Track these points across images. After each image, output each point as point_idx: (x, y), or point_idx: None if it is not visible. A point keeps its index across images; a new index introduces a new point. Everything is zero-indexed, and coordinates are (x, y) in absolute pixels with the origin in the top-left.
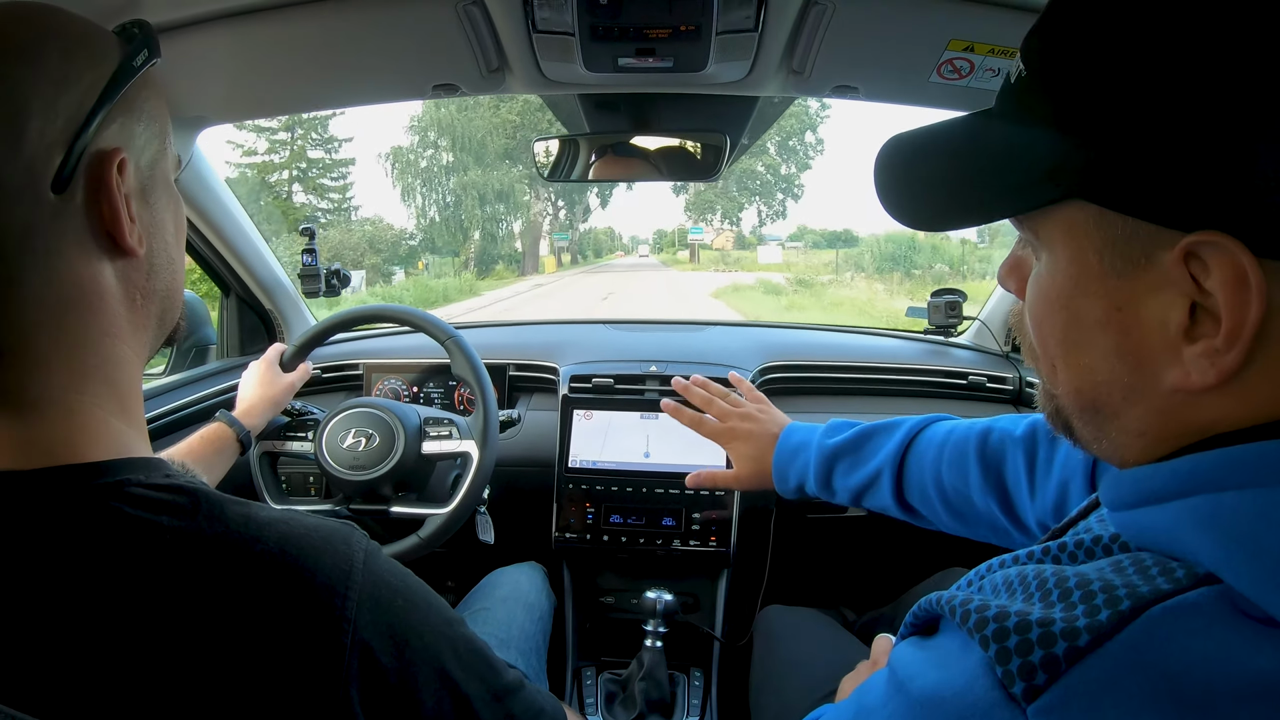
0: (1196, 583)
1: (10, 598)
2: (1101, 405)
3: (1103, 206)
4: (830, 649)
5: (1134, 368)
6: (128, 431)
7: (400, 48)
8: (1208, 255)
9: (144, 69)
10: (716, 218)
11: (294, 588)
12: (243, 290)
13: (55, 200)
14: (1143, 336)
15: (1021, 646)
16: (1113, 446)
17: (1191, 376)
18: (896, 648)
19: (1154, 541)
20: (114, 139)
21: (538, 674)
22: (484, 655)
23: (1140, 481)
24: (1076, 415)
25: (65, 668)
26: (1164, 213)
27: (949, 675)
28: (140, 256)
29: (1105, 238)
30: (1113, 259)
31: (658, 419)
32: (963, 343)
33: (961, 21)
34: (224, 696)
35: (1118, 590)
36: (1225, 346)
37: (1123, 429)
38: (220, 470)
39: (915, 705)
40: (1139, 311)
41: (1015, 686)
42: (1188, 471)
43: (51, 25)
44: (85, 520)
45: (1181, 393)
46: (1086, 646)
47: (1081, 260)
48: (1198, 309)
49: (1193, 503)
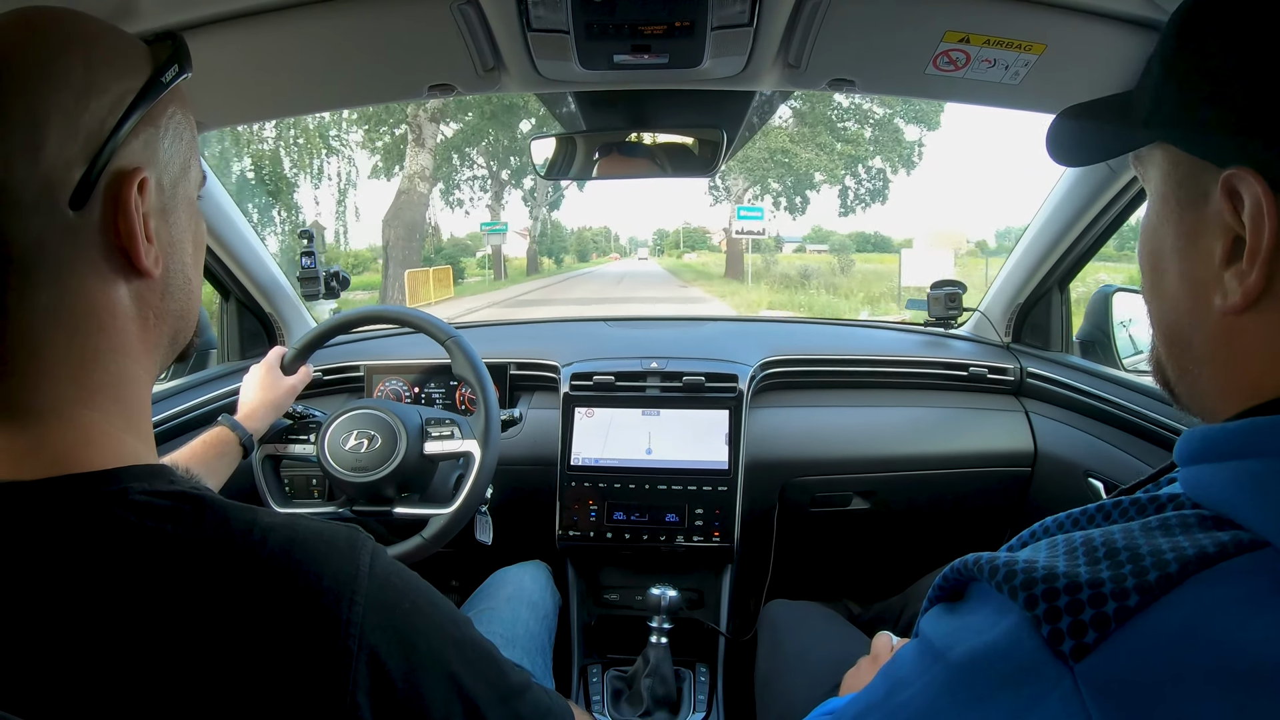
0: (1241, 548)
1: (15, 606)
2: (1177, 334)
3: (1176, 146)
4: (835, 643)
5: (1192, 293)
6: (134, 443)
7: (395, 48)
8: (1242, 188)
9: (173, 84)
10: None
11: (300, 593)
12: (242, 294)
13: (72, 216)
14: (1199, 264)
15: (1071, 606)
16: (1195, 386)
17: (1228, 298)
18: (925, 616)
19: (1208, 498)
20: (137, 156)
21: (544, 673)
22: (491, 657)
23: (1206, 437)
24: (1165, 353)
25: (70, 676)
26: (1211, 151)
27: (989, 638)
28: (155, 277)
29: (1179, 175)
30: (1182, 193)
31: (659, 415)
32: (963, 334)
33: (957, 13)
34: (231, 703)
35: (1165, 554)
36: (1248, 266)
37: (1196, 360)
38: (223, 474)
39: (956, 670)
40: (1198, 241)
41: (1064, 644)
42: (1247, 432)
43: (77, 33)
44: (90, 529)
45: (1228, 318)
46: (1136, 607)
47: (1164, 195)
48: (1237, 242)
49: (1248, 464)
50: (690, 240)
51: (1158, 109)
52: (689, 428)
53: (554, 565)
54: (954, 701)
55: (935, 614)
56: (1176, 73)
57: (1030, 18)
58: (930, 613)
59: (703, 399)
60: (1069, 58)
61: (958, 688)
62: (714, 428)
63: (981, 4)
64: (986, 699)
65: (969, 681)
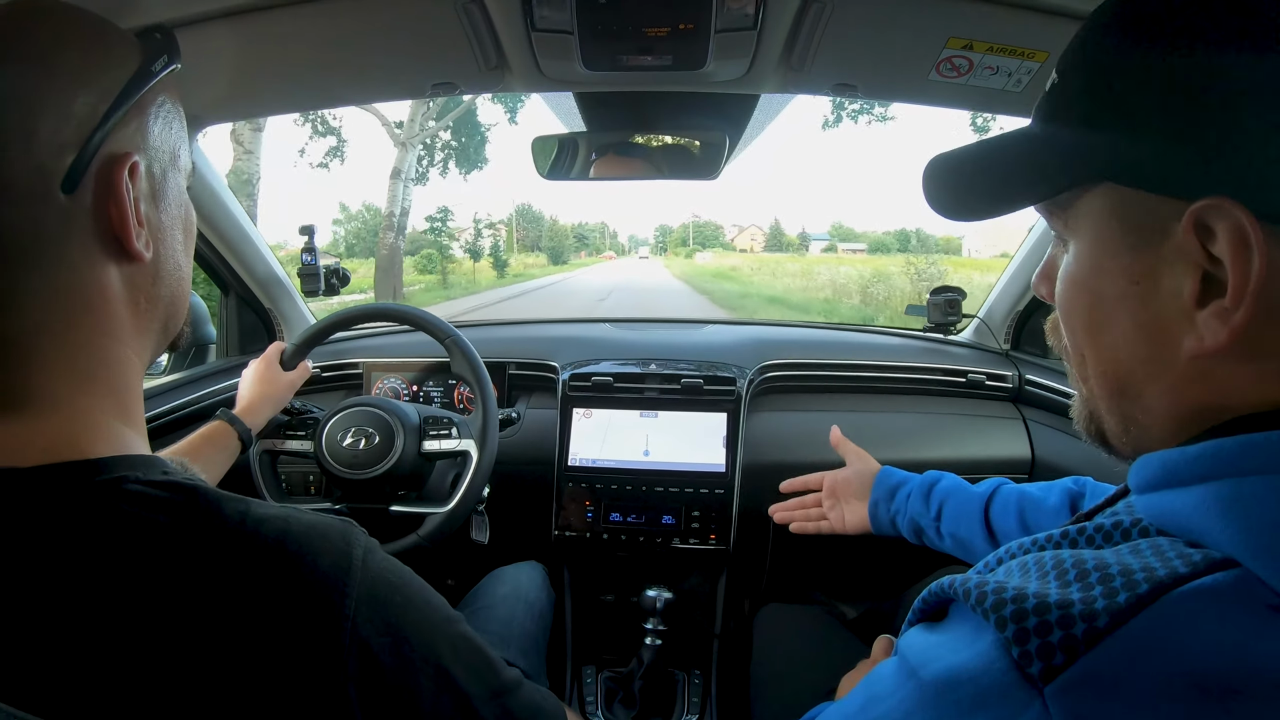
0: (1213, 567)
1: (8, 595)
2: (1125, 385)
3: (1123, 185)
4: (829, 647)
5: (1152, 339)
6: (127, 432)
7: (399, 46)
8: (1213, 221)
9: (163, 74)
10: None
11: (293, 584)
12: (242, 289)
13: (64, 201)
14: (1160, 308)
15: (1040, 628)
16: (1141, 434)
17: (1205, 340)
18: (905, 635)
19: (1175, 524)
20: (127, 142)
21: (538, 672)
22: (483, 653)
23: (1165, 464)
24: (1105, 405)
25: (64, 666)
26: (1173, 184)
27: (963, 658)
28: (146, 262)
29: (1125, 215)
30: (1132, 235)
31: (657, 417)
32: (962, 340)
33: (960, 19)
34: (223, 694)
35: (1135, 574)
36: (1233, 304)
37: (1146, 410)
38: (220, 468)
39: (929, 689)
40: (1156, 283)
41: (1033, 666)
42: (1210, 454)
43: (70, 25)
44: (83, 517)
45: (1199, 361)
46: (1105, 628)
47: (1103, 240)
48: (1208, 278)
49: (1214, 487)
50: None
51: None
52: (687, 430)
53: (549, 565)
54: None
55: (915, 632)
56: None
57: (1033, 25)
58: (910, 631)
59: (701, 401)
60: None
61: (930, 707)
62: (712, 430)
63: (985, 11)
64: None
65: (941, 701)
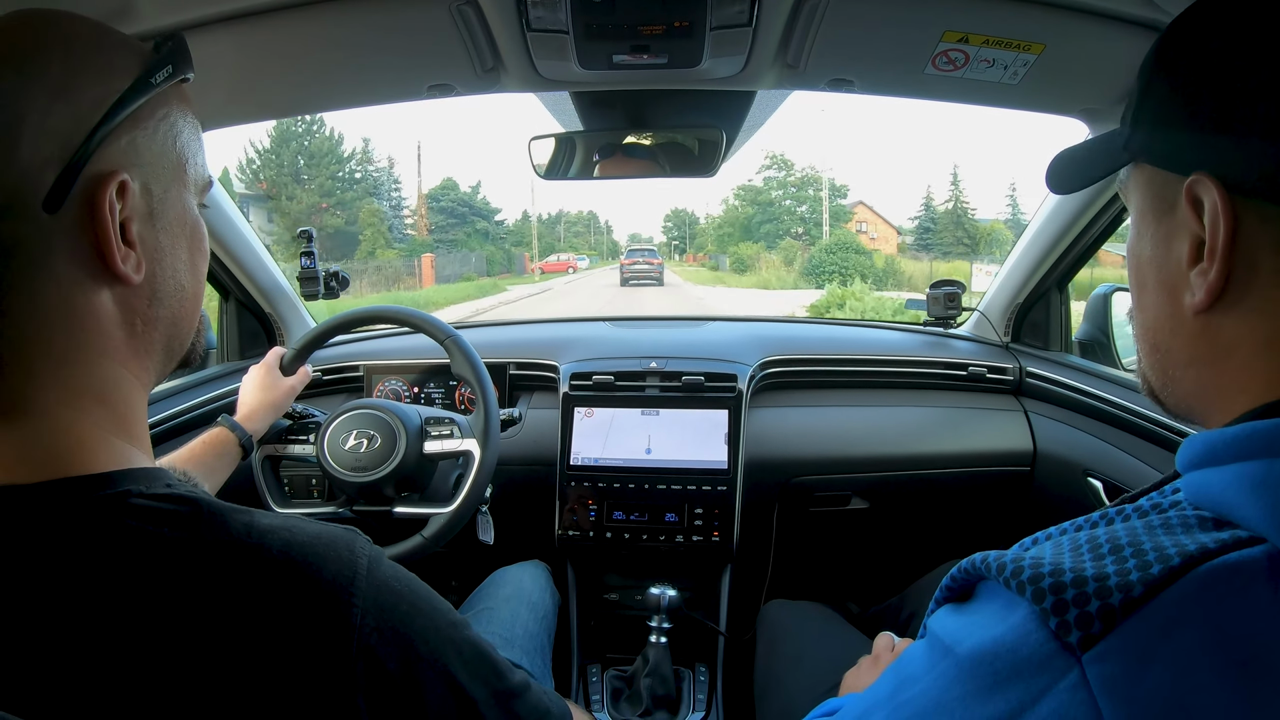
0: (1241, 544)
1: (14, 611)
2: (1158, 341)
3: (1149, 163)
4: (834, 643)
5: (1168, 297)
6: (128, 447)
7: (395, 49)
8: (1201, 192)
9: (164, 85)
10: None
11: (299, 595)
12: (242, 294)
13: (47, 219)
14: (1170, 271)
15: (1079, 599)
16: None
17: (1196, 297)
18: (934, 615)
19: (1209, 501)
20: (118, 159)
21: (543, 673)
22: (489, 658)
23: (1208, 443)
24: (1149, 362)
25: (71, 681)
26: (1175, 161)
27: (997, 632)
28: (136, 284)
29: (1153, 189)
30: (1156, 206)
31: (659, 415)
32: (962, 334)
33: (956, 13)
34: (231, 706)
35: (1167, 549)
36: (1209, 265)
37: (1177, 363)
38: (222, 475)
39: (965, 664)
40: (1169, 249)
41: (1071, 636)
42: (1246, 436)
43: (58, 33)
44: (88, 532)
45: (1200, 318)
46: (1141, 597)
47: (1142, 210)
48: (1201, 245)
49: (1248, 466)
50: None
51: (1134, 132)
52: (688, 427)
53: (553, 565)
54: (963, 694)
55: (944, 613)
56: (1149, 96)
57: (1029, 18)
58: (939, 612)
59: (702, 399)
60: (1068, 58)
61: (967, 680)
62: (713, 427)
63: (980, 4)
64: (995, 690)
65: (978, 674)
